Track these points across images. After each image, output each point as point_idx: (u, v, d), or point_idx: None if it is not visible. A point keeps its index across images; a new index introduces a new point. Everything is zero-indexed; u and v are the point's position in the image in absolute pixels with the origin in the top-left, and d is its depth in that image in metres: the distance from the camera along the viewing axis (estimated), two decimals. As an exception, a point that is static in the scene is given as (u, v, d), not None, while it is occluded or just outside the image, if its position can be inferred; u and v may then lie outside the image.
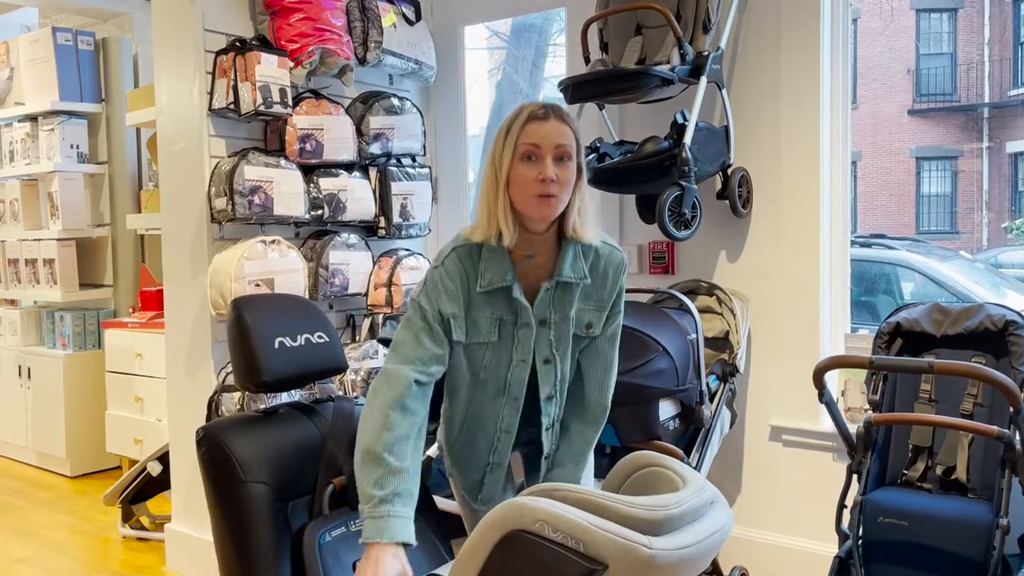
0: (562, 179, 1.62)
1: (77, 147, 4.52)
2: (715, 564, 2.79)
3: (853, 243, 3.14)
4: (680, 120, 2.74)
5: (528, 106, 1.65)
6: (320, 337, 1.84)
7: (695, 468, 2.67)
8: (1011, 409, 2.09)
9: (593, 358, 1.82)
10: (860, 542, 2.21)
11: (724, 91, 2.92)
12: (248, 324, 1.73)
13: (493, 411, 1.78)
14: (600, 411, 1.85)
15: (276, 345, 1.75)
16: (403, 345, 1.65)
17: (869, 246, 6.26)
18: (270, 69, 2.97)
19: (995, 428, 2.05)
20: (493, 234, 1.65)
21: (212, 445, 1.63)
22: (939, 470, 2.34)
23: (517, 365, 1.75)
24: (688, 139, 2.68)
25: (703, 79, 2.77)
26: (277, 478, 1.63)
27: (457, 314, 1.69)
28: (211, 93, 3.02)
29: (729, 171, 2.97)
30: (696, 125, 2.73)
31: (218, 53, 3.02)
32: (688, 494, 1.28)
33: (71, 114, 4.50)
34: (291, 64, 3.06)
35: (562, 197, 1.64)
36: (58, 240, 4.47)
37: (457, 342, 1.70)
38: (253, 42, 3.01)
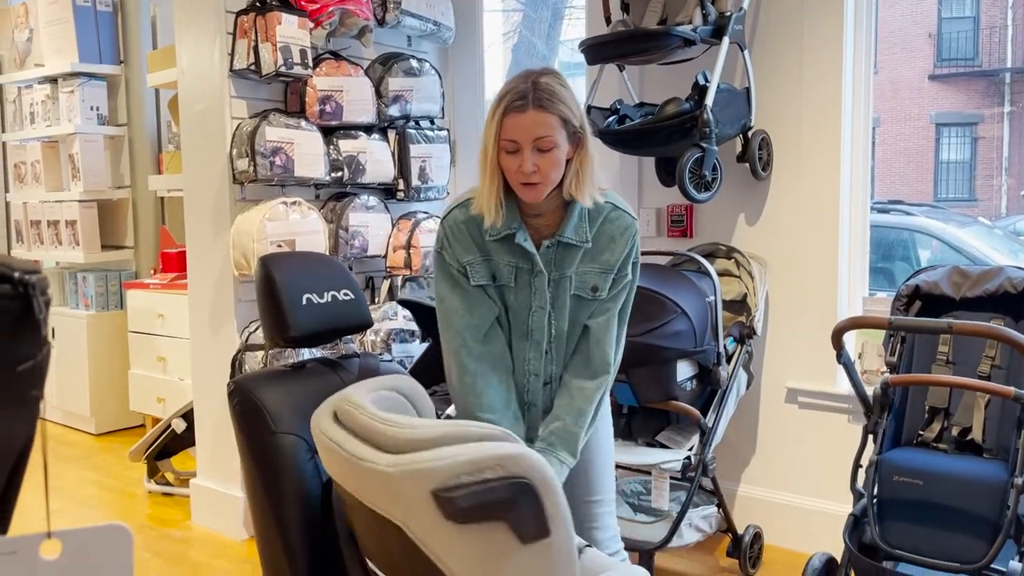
0: (544, 168, 1.65)
1: (97, 109, 4.55)
2: (730, 523, 2.84)
3: (872, 209, 3.13)
4: (702, 81, 2.73)
5: (509, 92, 1.64)
6: (346, 294, 1.87)
7: (711, 428, 2.71)
8: (1029, 370, 2.10)
9: (598, 316, 1.81)
10: (875, 501, 2.24)
11: (746, 52, 2.91)
12: (276, 281, 1.76)
13: (520, 352, 1.83)
14: (601, 367, 1.82)
15: (303, 301, 1.78)
16: (452, 314, 1.78)
17: (887, 212, 6.23)
18: (290, 30, 2.97)
19: (1012, 389, 2.07)
20: (486, 210, 1.71)
21: (243, 397, 1.67)
22: (955, 431, 2.36)
23: (536, 311, 1.79)
24: (709, 101, 2.68)
25: (725, 40, 2.75)
26: (306, 430, 1.67)
27: (472, 260, 1.77)
28: (232, 54, 3.03)
29: (750, 133, 2.96)
30: (717, 87, 2.72)
31: (239, 14, 3.02)
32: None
33: (90, 76, 4.51)
34: (311, 25, 3.06)
35: (550, 180, 1.68)
36: (79, 202, 4.51)
37: (487, 285, 1.78)
38: (274, 3, 3.01)
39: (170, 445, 3.65)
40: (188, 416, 3.53)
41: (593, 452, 1.91)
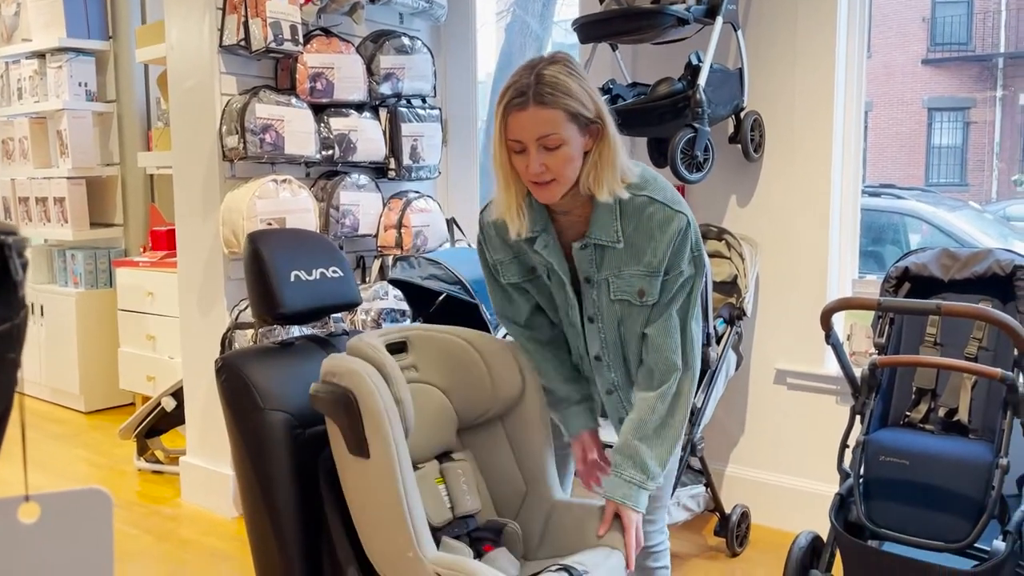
0: (552, 166, 1.53)
1: (85, 85, 4.50)
2: (717, 502, 2.86)
3: (863, 192, 3.14)
4: (695, 61, 2.72)
5: (510, 87, 1.53)
6: (335, 272, 1.87)
7: (700, 408, 2.72)
8: (1015, 352, 2.11)
9: (654, 321, 1.65)
10: (861, 480, 2.26)
11: (739, 32, 2.89)
12: (265, 257, 1.75)
13: (571, 337, 1.78)
14: (665, 374, 1.65)
15: (292, 278, 1.77)
16: (495, 302, 1.82)
17: (878, 195, 6.24)
18: (281, 5, 2.94)
19: (999, 370, 2.08)
20: (507, 218, 1.62)
21: (231, 374, 1.67)
22: (942, 412, 2.37)
23: (572, 310, 1.72)
24: (702, 81, 2.67)
25: (719, 19, 2.74)
26: (294, 406, 1.67)
27: (502, 259, 1.73)
28: (221, 30, 3.00)
29: (742, 115, 2.95)
30: (711, 67, 2.71)
31: (228, -12, 2.99)
32: None
33: (79, 51, 4.47)
34: (302, 1, 3.03)
35: (564, 177, 1.55)
36: (68, 179, 4.47)
37: (519, 282, 1.74)
38: (264, -23, 2.98)
39: (160, 423, 3.65)
40: (178, 394, 3.53)
41: None
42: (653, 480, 1.66)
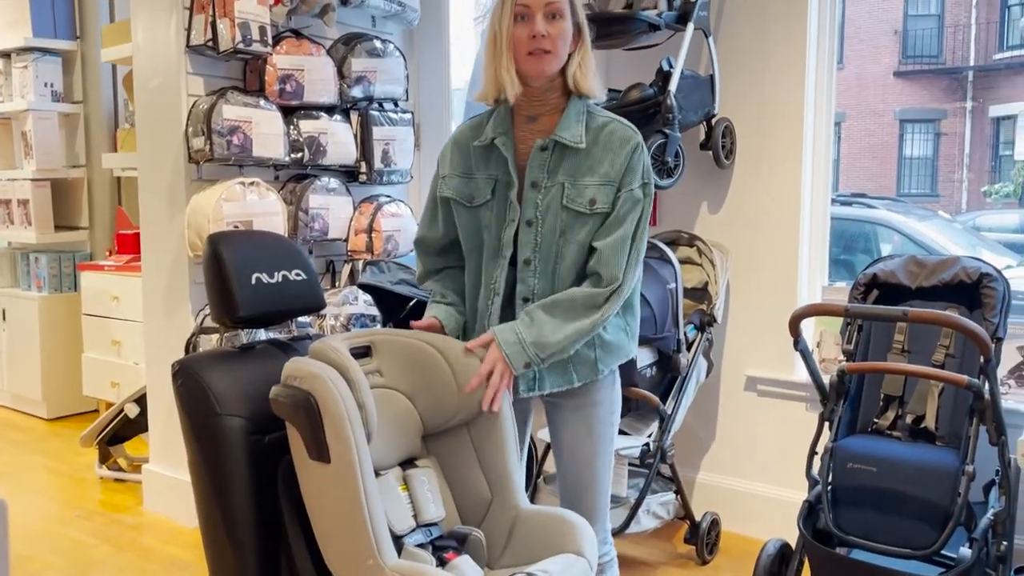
0: (553, 34, 1.68)
1: (51, 85, 4.42)
2: (687, 509, 2.85)
3: (834, 201, 3.15)
4: (666, 67, 2.72)
5: None
6: (298, 275, 1.83)
7: (670, 415, 2.70)
8: (981, 359, 2.12)
9: (605, 236, 1.72)
10: (829, 487, 2.26)
11: (711, 39, 2.90)
12: (225, 259, 1.71)
13: (489, 272, 1.80)
14: (610, 280, 1.70)
15: (253, 281, 1.73)
16: (419, 224, 1.94)
17: (850, 204, 6.29)
18: (249, 6, 2.90)
19: (965, 377, 2.08)
20: (495, 92, 1.73)
21: (188, 378, 1.62)
22: (909, 419, 2.38)
23: (508, 225, 1.77)
24: (673, 87, 2.66)
25: (690, 26, 2.74)
26: (253, 412, 1.63)
27: (451, 173, 1.83)
28: (188, 30, 2.96)
29: (713, 121, 2.95)
30: (682, 73, 2.71)
31: (196, -12, 2.95)
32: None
33: (45, 51, 4.39)
34: (271, 2, 3.00)
35: (558, 52, 1.69)
36: (32, 180, 4.39)
37: (452, 199, 1.82)
38: (232, -23, 2.94)
39: (123, 430, 3.58)
40: (141, 401, 3.46)
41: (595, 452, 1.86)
42: (536, 348, 1.68)
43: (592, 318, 1.71)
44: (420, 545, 1.65)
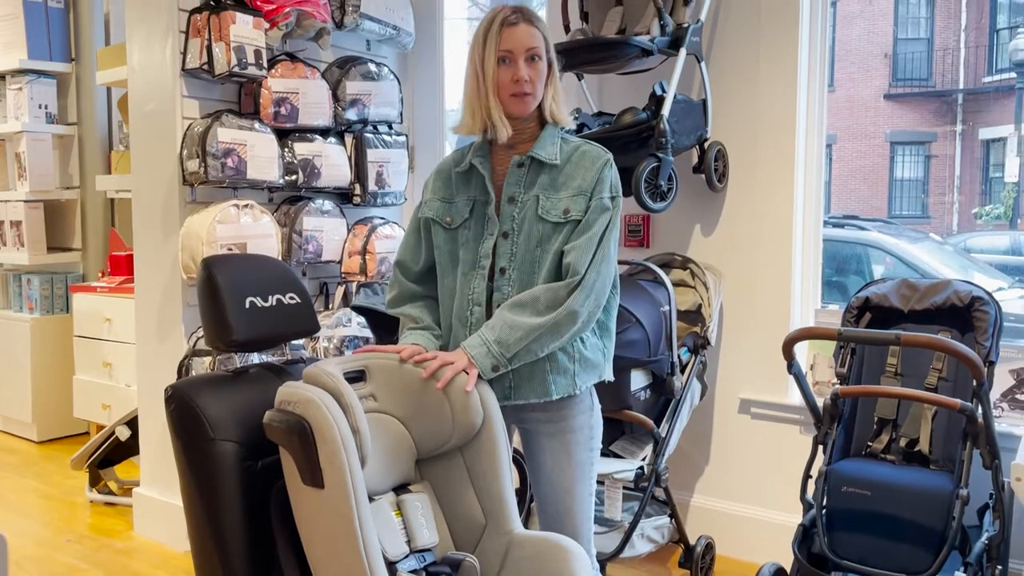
0: (534, 77, 1.80)
1: (46, 107, 4.43)
2: (682, 533, 2.83)
3: (826, 223, 3.17)
4: (659, 91, 2.74)
5: (500, 12, 1.81)
6: (292, 298, 1.83)
7: (664, 438, 2.70)
8: (974, 382, 2.13)
9: (574, 240, 1.79)
10: (824, 511, 2.25)
11: (703, 64, 2.92)
12: (218, 283, 1.71)
13: (467, 284, 1.85)
14: (567, 272, 1.77)
15: (247, 305, 1.73)
16: (405, 251, 1.98)
17: (842, 226, 6.32)
18: (245, 30, 2.92)
19: (958, 401, 2.09)
20: (481, 126, 1.83)
21: (181, 403, 1.62)
22: (903, 442, 2.38)
23: (486, 238, 1.85)
24: (666, 111, 2.68)
25: (682, 51, 2.76)
26: (246, 437, 1.62)
27: (432, 198, 1.92)
28: (184, 53, 2.97)
29: (706, 145, 2.97)
30: (674, 97, 2.73)
31: (192, 12, 2.96)
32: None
33: (40, 73, 4.40)
34: (267, 25, 3.01)
35: (536, 92, 1.82)
36: (25, 202, 4.38)
37: (433, 219, 1.89)
38: (228, 2, 2.96)
39: (113, 453, 3.55)
40: (133, 423, 3.44)
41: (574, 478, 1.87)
42: (500, 347, 1.73)
43: (555, 313, 1.75)
44: (414, 571, 1.63)
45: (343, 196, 3.43)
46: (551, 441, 1.86)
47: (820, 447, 2.34)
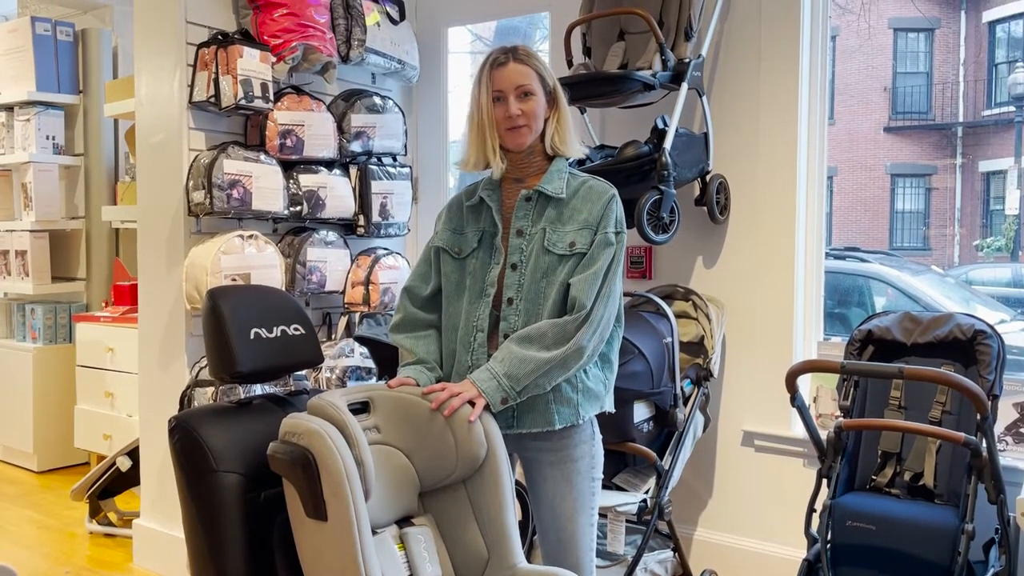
0: (527, 111, 1.86)
1: (53, 138, 4.47)
2: (685, 567, 2.81)
3: (827, 255, 3.18)
4: (660, 125, 2.77)
5: (491, 55, 1.90)
6: (296, 329, 1.84)
7: (667, 471, 2.69)
8: (978, 416, 2.12)
9: (579, 273, 1.84)
10: (828, 546, 2.24)
11: (704, 99, 2.95)
12: (224, 314, 1.72)
13: (472, 312, 1.88)
14: (578, 310, 1.80)
15: (251, 336, 1.74)
16: (416, 278, 2.02)
17: (844, 258, 6.33)
18: (252, 63, 2.96)
19: (962, 435, 2.08)
20: (484, 163, 1.89)
21: (184, 434, 1.62)
22: (907, 476, 2.37)
23: (493, 267, 1.90)
24: (668, 144, 2.71)
25: (684, 85, 2.79)
26: (250, 468, 1.62)
27: (444, 228, 1.99)
28: (192, 86, 3.01)
29: (708, 178, 2.99)
30: (676, 131, 2.76)
31: (200, 46, 3.00)
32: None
33: (48, 105, 4.45)
34: (273, 59, 3.05)
35: (532, 126, 1.88)
36: (31, 232, 4.41)
37: (443, 248, 1.95)
38: (236, 36, 3.00)
39: (114, 484, 3.53)
40: (133, 454, 3.43)
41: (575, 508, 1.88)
42: (510, 380, 1.76)
43: (563, 348, 1.78)
44: (416, 605, 1.62)
45: (347, 227, 3.45)
46: (553, 470, 1.87)
47: (824, 480, 2.33)
